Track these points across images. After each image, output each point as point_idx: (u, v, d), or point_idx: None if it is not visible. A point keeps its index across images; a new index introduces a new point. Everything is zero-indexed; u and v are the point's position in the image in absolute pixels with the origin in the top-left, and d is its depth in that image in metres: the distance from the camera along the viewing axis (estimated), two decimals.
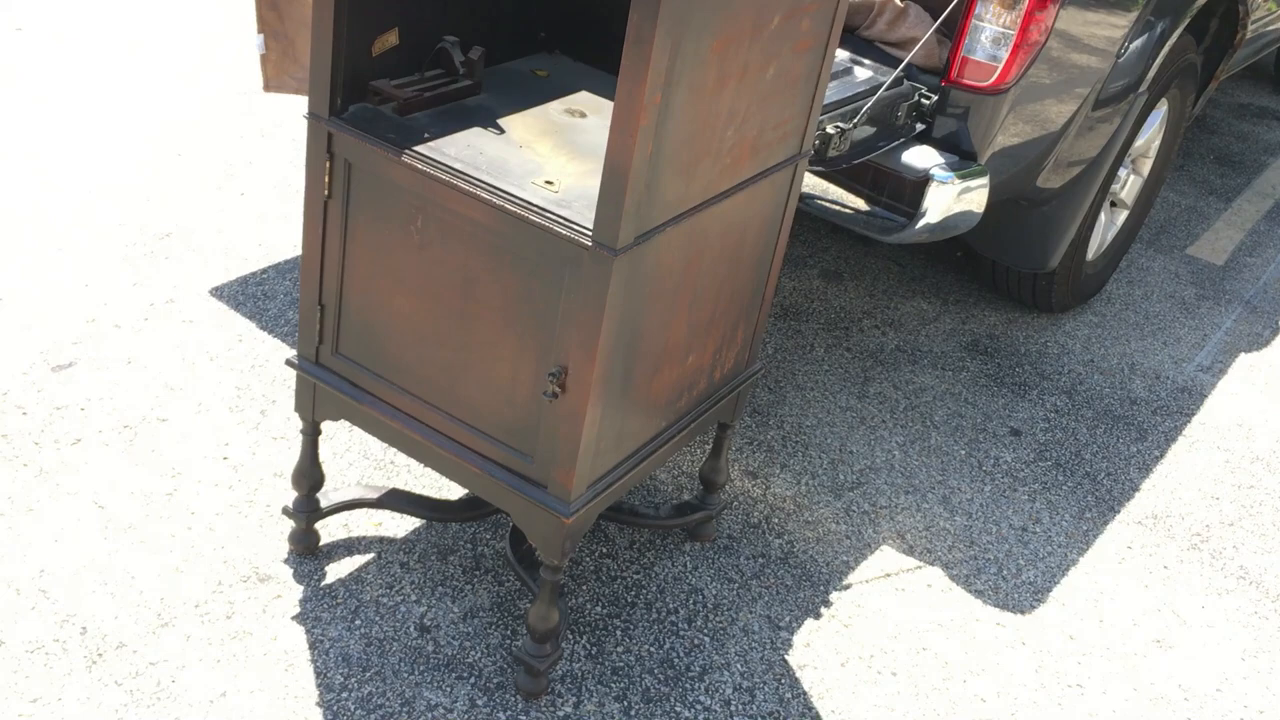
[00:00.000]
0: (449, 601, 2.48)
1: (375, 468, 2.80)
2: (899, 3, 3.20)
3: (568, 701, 2.32)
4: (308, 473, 2.43)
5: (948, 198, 3.02)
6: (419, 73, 2.19)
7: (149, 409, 2.86)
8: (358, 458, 2.82)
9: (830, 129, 2.73)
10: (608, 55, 2.47)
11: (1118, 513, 3.12)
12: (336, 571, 2.51)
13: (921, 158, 3.04)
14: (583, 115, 2.28)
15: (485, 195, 1.93)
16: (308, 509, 2.48)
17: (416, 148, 2.00)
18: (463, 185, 1.95)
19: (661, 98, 1.75)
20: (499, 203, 1.92)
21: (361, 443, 2.87)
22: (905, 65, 2.99)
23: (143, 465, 2.70)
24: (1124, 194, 3.98)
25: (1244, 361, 3.91)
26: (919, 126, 3.09)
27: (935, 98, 3.06)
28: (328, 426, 2.83)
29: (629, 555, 2.68)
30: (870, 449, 3.18)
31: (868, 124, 2.91)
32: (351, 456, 2.83)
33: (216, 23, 4.95)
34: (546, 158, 2.08)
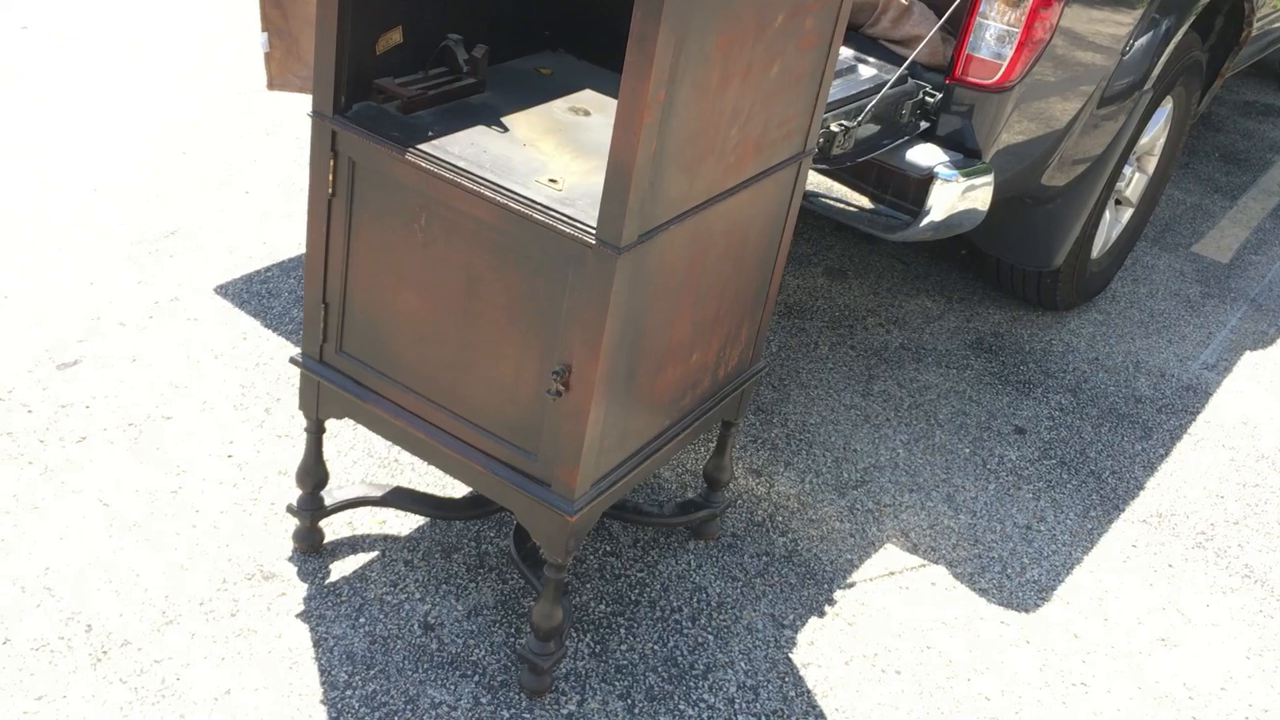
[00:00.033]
0: (453, 600, 2.48)
1: (379, 466, 2.81)
2: (903, 0, 3.20)
3: (571, 700, 2.32)
4: (312, 471, 2.44)
5: (952, 196, 3.01)
6: (423, 71, 2.19)
7: (154, 407, 2.86)
8: (362, 456, 2.83)
9: (834, 127, 2.73)
10: (612, 53, 2.47)
11: (1122, 511, 3.12)
12: (341, 569, 2.51)
13: (926, 155, 3.04)
14: (586, 113, 2.27)
15: (489, 193, 1.93)
16: (312, 507, 2.48)
17: (420, 146, 2.00)
18: (466, 183, 1.95)
19: (665, 96, 1.75)
20: (503, 201, 1.92)
21: (366, 441, 2.87)
22: (909, 63, 2.99)
23: (147, 463, 2.70)
24: (1129, 192, 3.97)
25: (1249, 359, 3.90)
26: (923, 124, 3.09)
27: (939, 95, 3.06)
28: (332, 424, 2.84)
29: (633, 553, 2.68)
30: (874, 447, 3.18)
31: (872, 122, 2.90)
32: (356, 454, 2.83)
33: (216, 23, 4.95)
34: (550, 156, 2.08)
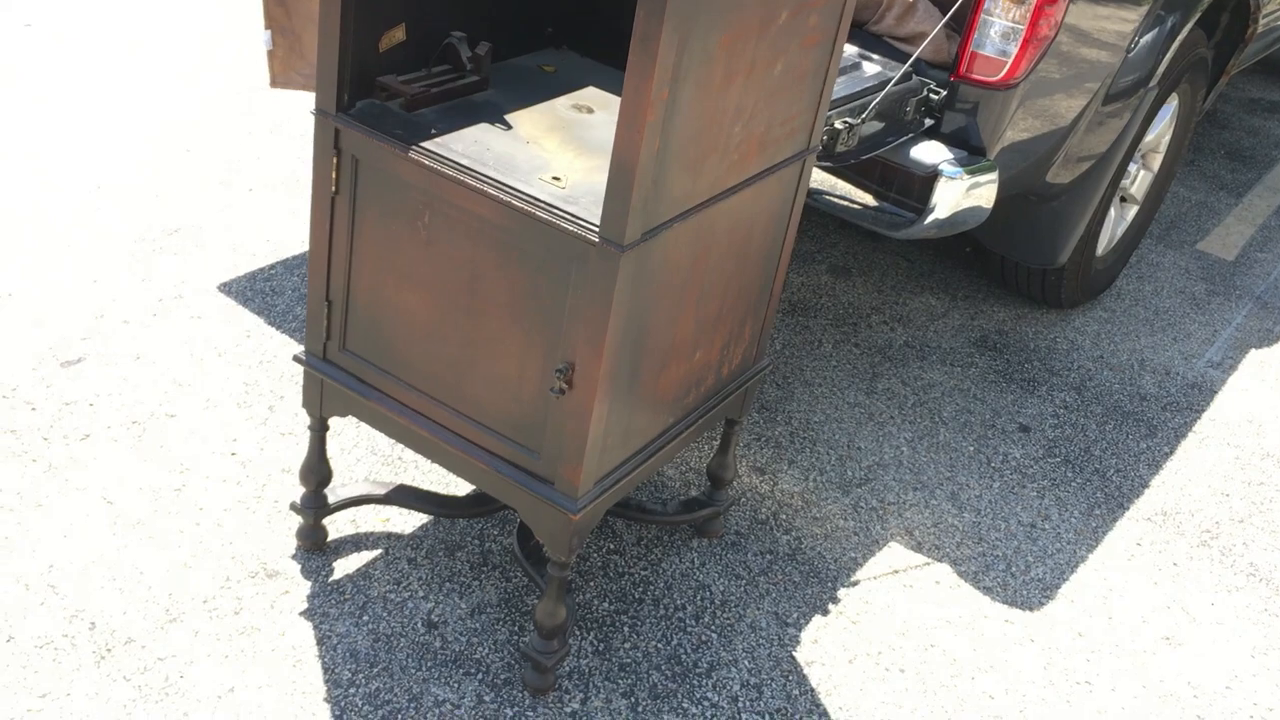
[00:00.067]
0: (456, 597, 2.48)
1: (383, 463, 2.81)
2: None
3: (575, 698, 2.32)
4: (315, 468, 2.43)
5: (956, 193, 3.01)
6: (426, 68, 2.19)
7: (157, 405, 2.86)
8: (365, 453, 2.83)
9: (839, 124, 2.73)
10: (615, 50, 2.47)
11: (1127, 509, 3.11)
12: (344, 567, 2.51)
13: (930, 153, 3.03)
14: (590, 111, 2.27)
15: (492, 191, 1.93)
16: (315, 505, 2.48)
17: (424, 143, 2.00)
18: (470, 181, 1.94)
19: (669, 94, 1.75)
20: (506, 199, 1.92)
21: (369, 438, 2.87)
22: (914, 60, 2.98)
23: (151, 461, 2.70)
24: (1134, 189, 3.96)
25: (1254, 357, 3.89)
26: (928, 122, 3.08)
27: (944, 93, 3.05)
28: (336, 422, 2.84)
29: (636, 551, 2.68)
30: (878, 445, 3.17)
31: (876, 119, 2.90)
32: (359, 452, 2.83)
33: (216, 23, 4.95)
34: (553, 153, 2.07)
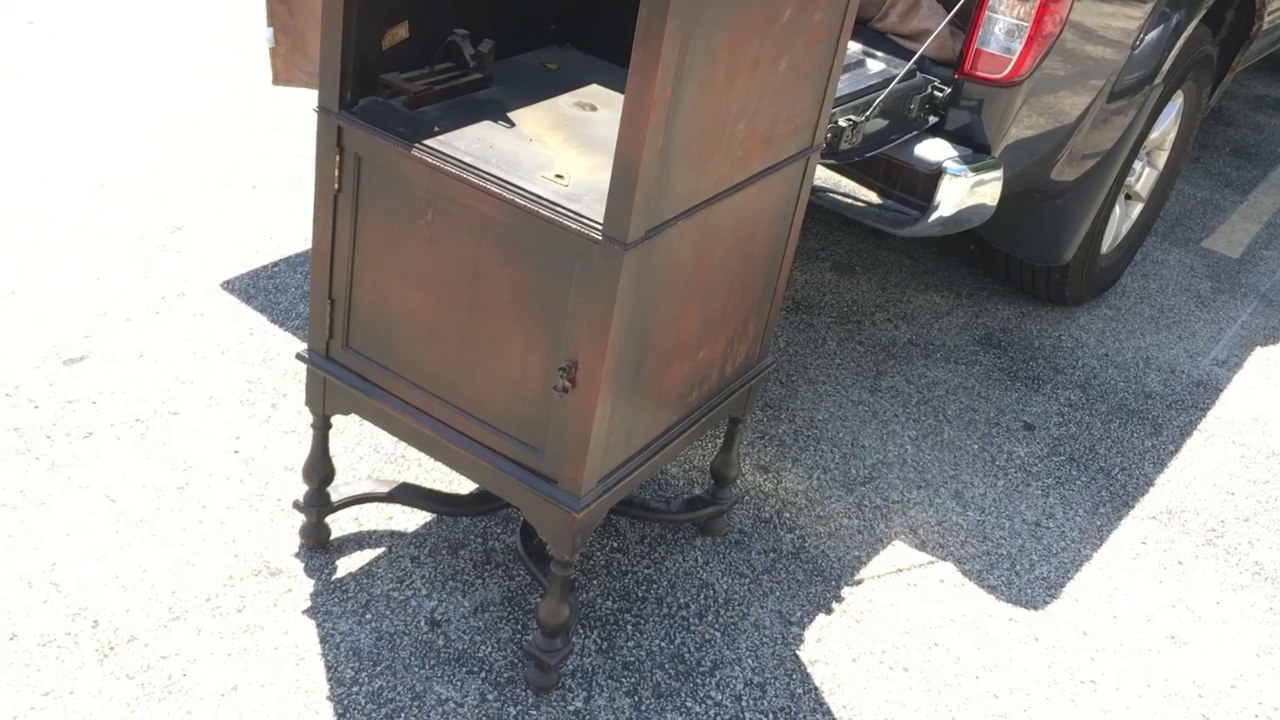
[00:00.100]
0: (460, 596, 2.48)
1: (386, 462, 2.80)
2: None
3: (578, 696, 2.31)
4: (318, 467, 2.43)
5: (961, 191, 3.00)
6: (429, 66, 2.19)
7: (160, 403, 2.86)
8: (368, 452, 2.82)
9: (842, 122, 2.72)
10: (618, 48, 2.46)
11: (1132, 508, 3.11)
12: (347, 566, 2.51)
13: (934, 150, 3.02)
14: (593, 109, 2.27)
15: (495, 189, 1.92)
16: (318, 503, 2.48)
17: (427, 141, 2.00)
18: (473, 179, 1.94)
19: (672, 92, 1.74)
20: (509, 196, 1.91)
21: (372, 437, 2.87)
22: (918, 58, 2.97)
23: (154, 459, 2.70)
24: (1139, 187, 3.95)
25: (1260, 355, 3.88)
26: (932, 119, 3.08)
27: (948, 90, 3.05)
28: (338, 420, 2.83)
29: (640, 550, 2.68)
30: (882, 443, 3.17)
31: (880, 117, 2.89)
32: (362, 450, 2.83)
33: (216, 23, 4.94)
34: (557, 151, 2.07)
